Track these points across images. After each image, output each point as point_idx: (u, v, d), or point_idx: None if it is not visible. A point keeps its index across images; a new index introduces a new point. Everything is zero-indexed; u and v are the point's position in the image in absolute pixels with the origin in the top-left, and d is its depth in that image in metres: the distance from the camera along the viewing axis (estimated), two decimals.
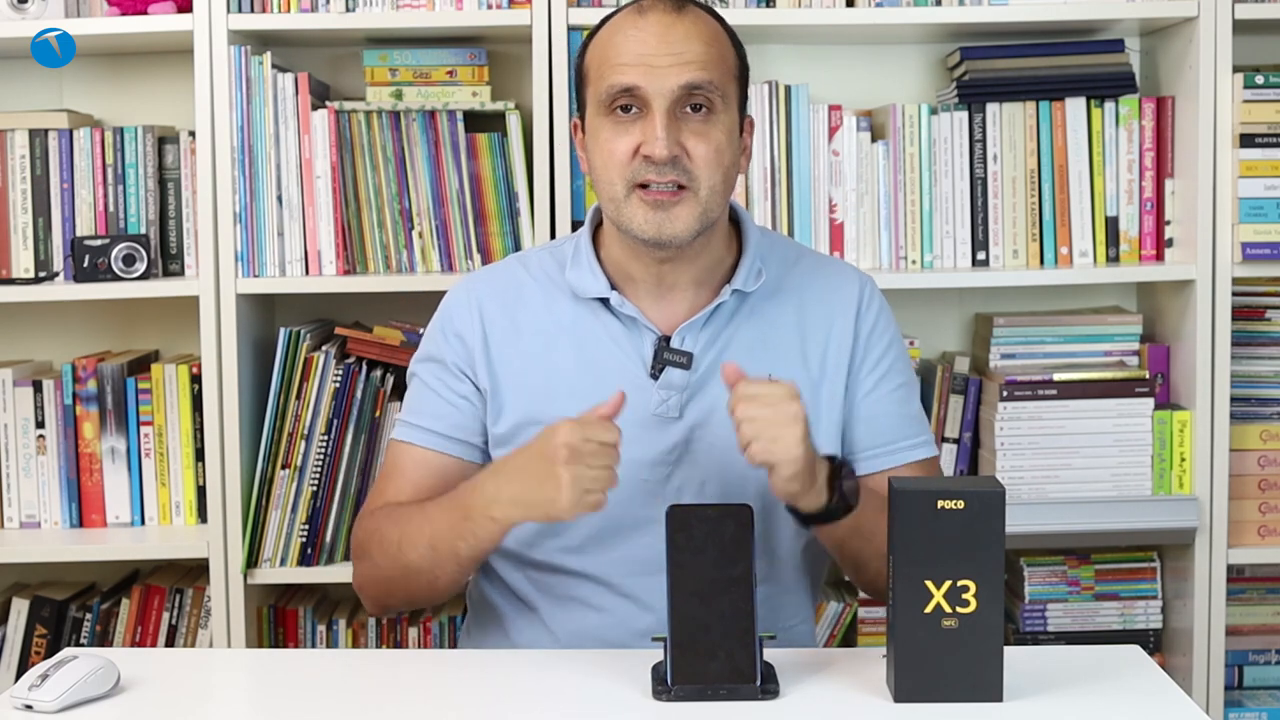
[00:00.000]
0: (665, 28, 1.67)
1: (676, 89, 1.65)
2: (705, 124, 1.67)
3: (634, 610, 1.72)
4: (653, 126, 1.64)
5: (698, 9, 1.72)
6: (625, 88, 1.66)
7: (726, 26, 1.75)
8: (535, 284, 1.80)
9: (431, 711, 1.49)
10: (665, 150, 1.64)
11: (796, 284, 1.79)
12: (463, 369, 1.78)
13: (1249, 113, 2.37)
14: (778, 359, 1.74)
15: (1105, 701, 1.45)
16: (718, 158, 1.67)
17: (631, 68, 1.66)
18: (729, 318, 1.75)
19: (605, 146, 1.69)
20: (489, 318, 1.78)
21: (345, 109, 2.41)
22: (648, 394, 1.71)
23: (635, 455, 1.69)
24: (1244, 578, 2.57)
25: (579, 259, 1.77)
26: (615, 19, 1.73)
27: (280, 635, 2.53)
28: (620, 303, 1.73)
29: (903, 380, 1.81)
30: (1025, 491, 2.41)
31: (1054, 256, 2.48)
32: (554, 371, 1.74)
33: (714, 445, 1.71)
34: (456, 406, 1.78)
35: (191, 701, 1.54)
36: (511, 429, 1.75)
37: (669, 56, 1.65)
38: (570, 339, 1.75)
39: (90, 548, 2.44)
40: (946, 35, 2.54)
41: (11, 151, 2.45)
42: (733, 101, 1.71)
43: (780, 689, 1.46)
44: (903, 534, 1.42)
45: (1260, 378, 2.48)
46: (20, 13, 2.37)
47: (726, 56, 1.71)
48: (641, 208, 1.67)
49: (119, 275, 2.42)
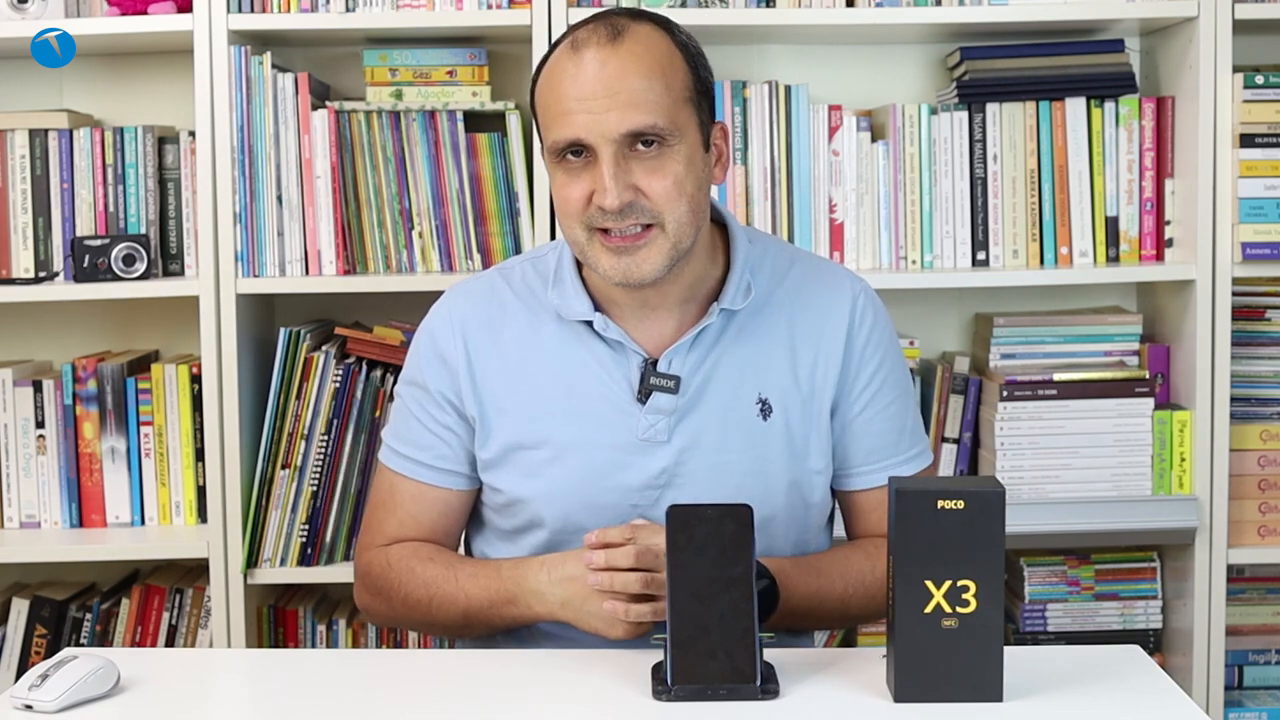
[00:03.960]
0: (600, 66, 1.59)
1: (618, 135, 1.58)
2: (659, 159, 1.60)
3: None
4: (601, 177, 1.59)
5: (638, 27, 1.63)
6: (570, 141, 1.60)
7: (676, 37, 1.66)
8: (519, 301, 1.75)
9: (431, 711, 1.49)
10: (615, 201, 1.58)
11: (787, 297, 1.74)
12: (448, 397, 1.74)
13: (1249, 113, 2.37)
14: (767, 377, 1.72)
15: (1105, 701, 1.45)
16: (678, 189, 1.61)
17: (573, 116, 1.59)
18: (716, 337, 1.71)
19: (560, 193, 1.64)
20: (472, 339, 1.74)
21: (345, 109, 2.41)
22: (635, 418, 1.69)
23: (624, 480, 1.69)
24: (1244, 578, 2.57)
25: (561, 279, 1.72)
26: (555, 55, 1.65)
27: (280, 635, 2.53)
28: (605, 326, 1.69)
29: (896, 394, 1.77)
30: (1025, 491, 2.41)
31: (1054, 256, 2.48)
32: (539, 395, 1.71)
33: (702, 468, 1.69)
34: (442, 438, 1.75)
35: (191, 701, 1.54)
36: (499, 454, 1.73)
37: (606, 100, 1.58)
38: (555, 362, 1.71)
39: (90, 548, 2.44)
40: (946, 35, 2.54)
41: (11, 151, 2.45)
42: (689, 126, 1.63)
43: (780, 689, 1.46)
44: (903, 534, 1.41)
45: (1260, 378, 2.48)
46: (20, 13, 2.37)
47: (673, 82, 1.62)
48: (605, 253, 1.62)
49: (119, 275, 2.42)
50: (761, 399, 1.71)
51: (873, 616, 1.78)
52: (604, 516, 1.67)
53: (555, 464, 1.70)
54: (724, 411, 1.70)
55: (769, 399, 1.71)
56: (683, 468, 1.69)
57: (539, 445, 1.71)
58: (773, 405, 1.71)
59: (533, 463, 1.71)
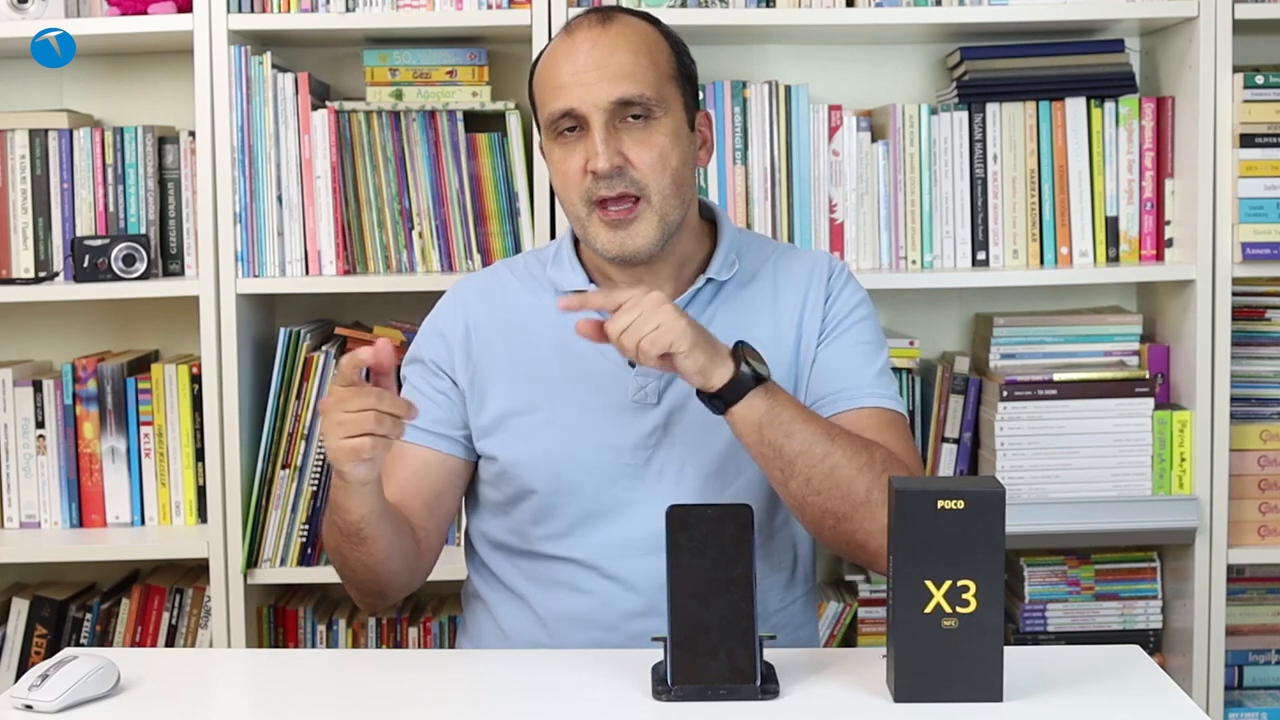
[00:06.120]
0: (592, 43, 1.73)
1: (608, 103, 1.70)
2: (646, 131, 1.72)
3: (620, 591, 1.75)
4: (593, 142, 1.70)
5: (627, 17, 1.77)
6: (563, 111, 1.72)
7: (662, 28, 1.79)
8: (519, 282, 1.86)
9: (431, 711, 1.49)
10: (606, 162, 1.69)
11: (771, 270, 1.85)
12: (440, 365, 1.84)
13: (1249, 113, 2.37)
14: (755, 342, 1.74)
15: (1105, 701, 1.45)
16: (663, 161, 1.72)
17: (566, 89, 1.72)
18: (704, 305, 1.80)
19: (558, 168, 1.75)
20: (473, 315, 1.84)
21: (345, 109, 2.41)
22: (626, 381, 1.77)
23: (616, 440, 1.76)
24: (1244, 578, 2.57)
25: (560, 257, 1.84)
26: (552, 44, 1.79)
27: (280, 635, 2.53)
28: None
29: (866, 340, 1.82)
30: (1025, 491, 2.41)
31: (1054, 256, 2.48)
32: (536, 362, 1.80)
33: (692, 428, 1.76)
34: (435, 401, 1.82)
35: (191, 701, 1.54)
36: (494, 420, 1.80)
37: (596, 71, 1.71)
38: (552, 331, 1.80)
39: (90, 548, 2.44)
40: (946, 35, 2.54)
41: (11, 151, 2.45)
42: (674, 103, 1.75)
43: (780, 689, 1.46)
44: (903, 534, 1.42)
45: (1260, 378, 2.48)
46: (20, 13, 2.37)
47: (659, 61, 1.75)
48: (603, 229, 1.73)
49: (119, 275, 2.42)
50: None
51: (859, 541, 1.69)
52: (596, 477, 1.76)
53: (549, 426, 1.78)
54: None
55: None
56: (673, 428, 1.77)
57: (534, 410, 1.79)
58: None
59: (527, 427, 1.78)
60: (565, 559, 1.78)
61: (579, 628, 1.75)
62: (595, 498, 1.76)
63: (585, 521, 1.77)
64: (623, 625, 1.73)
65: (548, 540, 1.78)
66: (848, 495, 1.65)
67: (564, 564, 1.78)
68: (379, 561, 1.74)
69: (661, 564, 1.45)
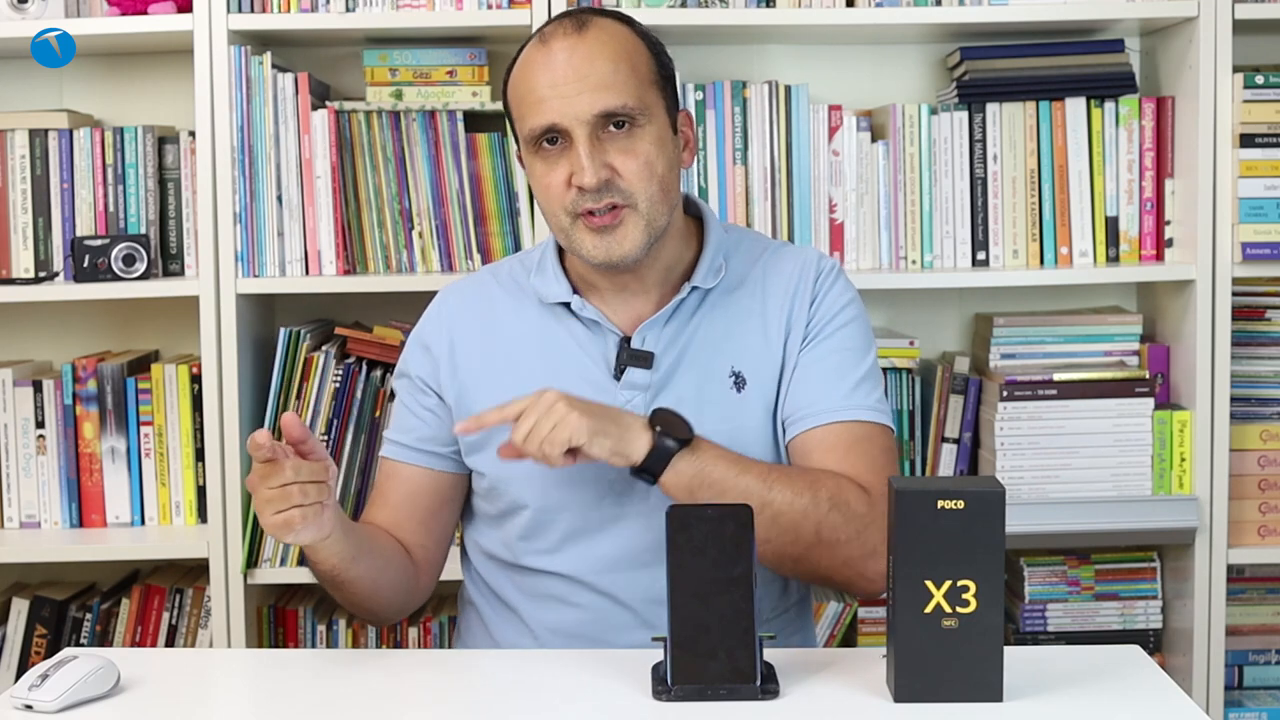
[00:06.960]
0: (569, 53, 1.67)
1: (590, 116, 1.66)
2: (630, 139, 1.68)
3: (609, 606, 1.74)
4: (578, 157, 1.66)
5: (602, 20, 1.72)
6: (545, 127, 1.68)
7: (638, 29, 1.74)
8: (504, 292, 1.83)
9: (431, 711, 1.49)
10: (593, 177, 1.65)
11: (760, 272, 1.80)
12: (426, 382, 1.82)
13: (1249, 113, 2.37)
14: (740, 350, 1.75)
15: (1105, 701, 1.45)
16: (649, 169, 1.68)
17: (546, 103, 1.67)
18: (690, 314, 1.76)
19: (540, 182, 1.71)
20: (458, 328, 1.81)
21: (345, 109, 2.41)
22: (612, 395, 1.73)
23: None
24: (1244, 578, 2.58)
25: (544, 266, 1.80)
26: (525, 52, 1.73)
27: (280, 635, 2.53)
28: (581, 306, 1.76)
29: (848, 346, 1.76)
30: (1025, 491, 2.41)
31: (1054, 256, 2.48)
32: (521, 376, 1.75)
33: None
34: (422, 419, 1.81)
35: (191, 701, 1.54)
36: (481, 435, 1.75)
37: (577, 83, 1.66)
38: (537, 344, 1.77)
39: (90, 548, 2.44)
40: (946, 35, 2.54)
41: (11, 151, 2.45)
42: (656, 108, 1.71)
43: (780, 689, 1.46)
44: (903, 534, 1.41)
45: (1260, 378, 2.48)
46: (20, 13, 2.37)
47: (639, 66, 1.70)
48: (588, 235, 1.69)
49: (119, 275, 2.41)
50: (735, 372, 1.75)
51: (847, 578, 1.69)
52: (583, 492, 1.72)
53: None
54: (698, 385, 1.74)
55: (742, 371, 1.75)
56: None
57: None
58: (746, 378, 1.75)
59: None
60: (555, 574, 1.76)
61: (569, 641, 1.74)
62: (583, 513, 1.73)
63: (574, 537, 1.75)
64: (613, 639, 1.72)
65: (537, 555, 1.77)
66: (797, 538, 1.64)
67: (554, 579, 1.76)
68: (365, 597, 1.74)
69: (651, 578, 1.45)
